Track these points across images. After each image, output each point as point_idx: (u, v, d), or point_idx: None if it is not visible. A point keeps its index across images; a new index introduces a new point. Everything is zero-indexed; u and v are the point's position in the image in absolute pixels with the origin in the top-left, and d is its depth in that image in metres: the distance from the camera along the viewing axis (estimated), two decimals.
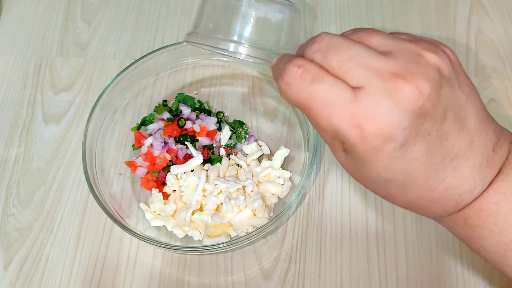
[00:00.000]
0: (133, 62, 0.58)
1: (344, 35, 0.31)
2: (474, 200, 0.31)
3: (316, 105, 0.29)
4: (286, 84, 0.30)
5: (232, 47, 0.37)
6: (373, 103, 0.27)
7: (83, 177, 0.54)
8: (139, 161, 0.55)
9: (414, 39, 0.31)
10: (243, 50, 0.37)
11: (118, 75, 0.57)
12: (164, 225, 0.52)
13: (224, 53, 0.38)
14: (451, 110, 0.29)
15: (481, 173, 0.30)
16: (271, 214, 0.53)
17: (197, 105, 0.60)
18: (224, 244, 0.48)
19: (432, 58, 0.29)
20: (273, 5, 0.38)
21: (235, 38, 0.37)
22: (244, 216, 0.51)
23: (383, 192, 0.32)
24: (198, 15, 0.39)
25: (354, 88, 0.28)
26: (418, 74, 0.28)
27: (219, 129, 0.58)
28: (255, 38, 0.37)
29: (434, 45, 0.30)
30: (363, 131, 0.28)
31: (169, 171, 0.54)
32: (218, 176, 0.53)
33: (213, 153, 0.57)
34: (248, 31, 0.37)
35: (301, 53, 0.31)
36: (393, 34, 0.31)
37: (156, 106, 0.60)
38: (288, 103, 0.31)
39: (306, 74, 0.29)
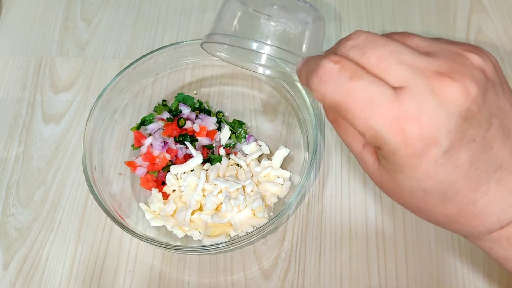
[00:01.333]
0: (133, 62, 0.58)
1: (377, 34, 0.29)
2: None
3: (353, 104, 0.26)
4: (320, 81, 0.27)
5: (255, 45, 0.34)
6: (417, 104, 0.25)
7: (83, 177, 0.54)
8: (139, 161, 0.55)
9: (453, 42, 0.29)
10: (267, 49, 0.34)
11: (118, 75, 0.57)
12: (163, 225, 0.52)
13: (241, 61, 0.35)
14: (496, 117, 0.27)
15: None
16: (271, 214, 0.53)
17: (197, 105, 0.60)
18: (224, 244, 0.48)
19: (476, 59, 0.27)
20: (297, 12, 0.36)
21: (257, 38, 0.34)
22: (243, 216, 0.51)
23: (419, 205, 0.30)
24: (216, 20, 0.37)
25: (395, 88, 0.26)
26: (464, 73, 0.26)
27: (219, 129, 0.58)
28: (278, 43, 0.35)
29: (476, 48, 0.28)
30: (406, 134, 0.26)
31: (169, 171, 0.54)
32: (217, 176, 0.53)
33: (212, 153, 0.57)
34: (270, 36, 0.34)
35: (332, 54, 0.29)
36: (428, 38, 0.29)
37: (155, 106, 0.60)
38: (322, 103, 0.28)
39: (344, 70, 0.27)
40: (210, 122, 0.57)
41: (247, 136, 0.57)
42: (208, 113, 0.59)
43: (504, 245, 0.30)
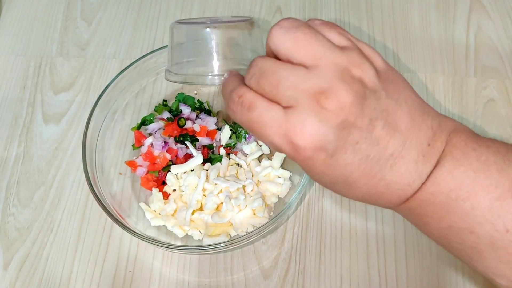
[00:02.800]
0: (133, 62, 0.58)
1: (274, 36, 0.33)
2: (415, 193, 0.34)
3: (256, 127, 0.32)
4: (232, 111, 0.33)
5: (207, 80, 0.41)
6: (300, 121, 0.30)
7: (83, 177, 0.54)
8: (139, 160, 0.55)
9: (346, 44, 0.33)
10: (217, 80, 0.40)
11: (118, 74, 0.57)
12: (164, 225, 0.52)
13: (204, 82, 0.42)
14: (380, 119, 0.32)
15: (418, 167, 0.33)
16: (271, 213, 0.53)
17: (197, 105, 0.60)
18: (224, 244, 0.48)
19: (357, 72, 0.31)
20: (233, 26, 0.41)
21: (207, 67, 0.41)
22: (244, 216, 0.51)
23: (333, 189, 0.35)
24: (169, 53, 0.43)
25: (286, 108, 0.31)
26: (340, 90, 0.30)
27: (219, 128, 0.58)
28: (225, 62, 0.41)
29: (361, 57, 0.32)
30: (295, 146, 0.31)
31: (169, 171, 0.54)
32: (218, 175, 0.53)
33: (213, 152, 0.57)
34: (216, 58, 0.41)
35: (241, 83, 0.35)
36: (327, 35, 0.33)
37: (156, 106, 0.60)
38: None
39: (245, 102, 0.32)
40: (211, 122, 0.57)
41: (247, 136, 0.57)
42: (209, 113, 0.59)
43: (408, 215, 0.36)
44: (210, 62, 0.41)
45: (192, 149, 0.55)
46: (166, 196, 0.54)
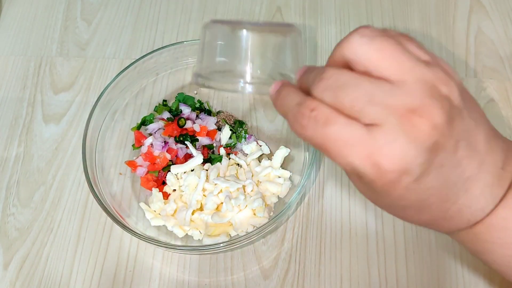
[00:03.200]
0: (133, 62, 0.58)
1: (356, 44, 0.30)
2: (485, 217, 0.32)
3: (331, 145, 0.29)
4: (302, 127, 0.30)
5: (239, 87, 0.36)
6: (388, 141, 0.27)
7: (83, 177, 0.54)
8: (139, 160, 0.55)
9: (429, 59, 0.30)
10: (250, 88, 0.36)
11: (118, 75, 0.57)
12: (164, 225, 0.52)
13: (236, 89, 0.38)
14: (463, 140, 0.30)
15: (492, 191, 0.31)
16: (271, 213, 0.53)
17: (197, 105, 0.60)
18: (224, 244, 0.48)
19: (445, 89, 0.29)
20: (274, 31, 0.37)
21: (240, 74, 0.36)
22: (244, 216, 0.51)
23: (399, 215, 0.33)
24: (199, 55, 0.39)
25: (368, 125, 0.28)
26: (433, 108, 0.28)
27: (219, 128, 0.58)
28: (259, 71, 0.37)
29: (446, 73, 0.30)
30: (380, 168, 0.28)
31: (169, 171, 0.54)
32: (218, 175, 0.53)
33: (213, 152, 0.57)
34: (250, 67, 0.36)
35: (305, 83, 0.31)
36: (410, 49, 0.30)
37: (156, 106, 0.60)
38: (304, 141, 0.31)
39: (320, 117, 0.29)
40: (211, 122, 0.57)
41: (247, 136, 0.57)
42: (209, 113, 0.59)
43: (472, 240, 0.34)
44: (244, 68, 0.37)
45: (192, 149, 0.55)
46: (166, 196, 0.54)
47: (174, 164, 0.55)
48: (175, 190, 0.54)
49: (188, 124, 0.57)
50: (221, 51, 0.38)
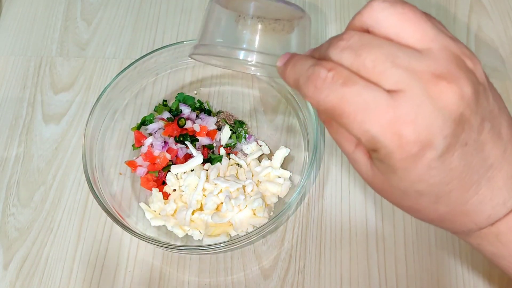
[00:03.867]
0: (133, 62, 0.58)
1: (378, 7, 0.27)
2: (507, 214, 0.29)
3: (348, 108, 0.26)
4: (316, 89, 0.27)
5: (242, 54, 0.34)
6: (413, 108, 0.25)
7: (83, 177, 0.54)
8: (139, 160, 0.55)
9: (453, 38, 0.28)
10: (253, 57, 0.34)
11: (118, 74, 0.57)
12: (164, 225, 0.52)
13: (232, 66, 0.36)
14: (488, 120, 0.28)
15: None
16: (271, 213, 0.53)
17: (197, 105, 0.60)
18: (224, 244, 0.48)
19: (471, 63, 0.27)
20: (283, 12, 0.36)
21: (244, 46, 0.35)
22: (244, 216, 0.51)
23: (413, 206, 0.30)
24: (202, 28, 0.37)
25: (390, 91, 0.26)
26: (460, 78, 0.26)
27: (219, 128, 0.58)
28: (265, 47, 0.35)
29: (470, 51, 0.28)
30: (402, 138, 0.25)
31: (169, 171, 0.54)
32: (218, 175, 0.53)
33: (213, 152, 0.57)
34: (257, 40, 0.35)
35: (319, 54, 0.29)
36: (433, 22, 0.28)
37: (156, 106, 0.60)
38: (316, 108, 0.28)
39: (338, 77, 0.26)
40: (211, 122, 0.57)
41: (247, 136, 0.57)
42: (209, 113, 0.59)
43: (492, 241, 0.31)
44: (249, 46, 0.34)
45: (192, 149, 0.55)
46: (166, 196, 0.54)
47: (174, 164, 0.55)
48: (175, 190, 0.54)
49: (188, 124, 0.57)
50: (227, 28, 0.36)
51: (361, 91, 0.26)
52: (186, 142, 0.55)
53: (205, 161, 0.55)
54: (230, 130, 0.57)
